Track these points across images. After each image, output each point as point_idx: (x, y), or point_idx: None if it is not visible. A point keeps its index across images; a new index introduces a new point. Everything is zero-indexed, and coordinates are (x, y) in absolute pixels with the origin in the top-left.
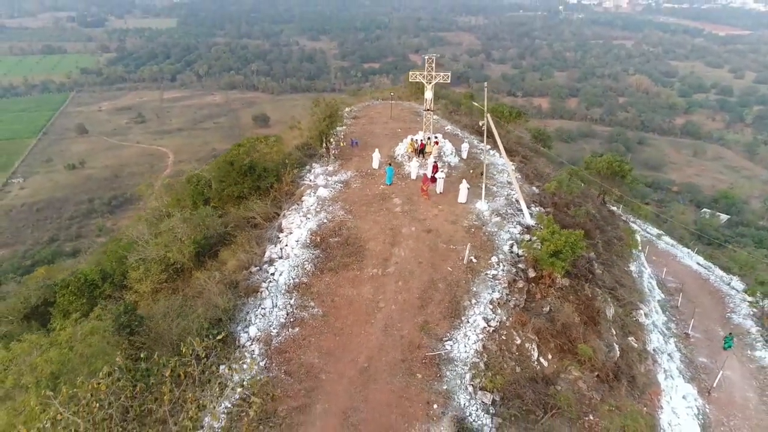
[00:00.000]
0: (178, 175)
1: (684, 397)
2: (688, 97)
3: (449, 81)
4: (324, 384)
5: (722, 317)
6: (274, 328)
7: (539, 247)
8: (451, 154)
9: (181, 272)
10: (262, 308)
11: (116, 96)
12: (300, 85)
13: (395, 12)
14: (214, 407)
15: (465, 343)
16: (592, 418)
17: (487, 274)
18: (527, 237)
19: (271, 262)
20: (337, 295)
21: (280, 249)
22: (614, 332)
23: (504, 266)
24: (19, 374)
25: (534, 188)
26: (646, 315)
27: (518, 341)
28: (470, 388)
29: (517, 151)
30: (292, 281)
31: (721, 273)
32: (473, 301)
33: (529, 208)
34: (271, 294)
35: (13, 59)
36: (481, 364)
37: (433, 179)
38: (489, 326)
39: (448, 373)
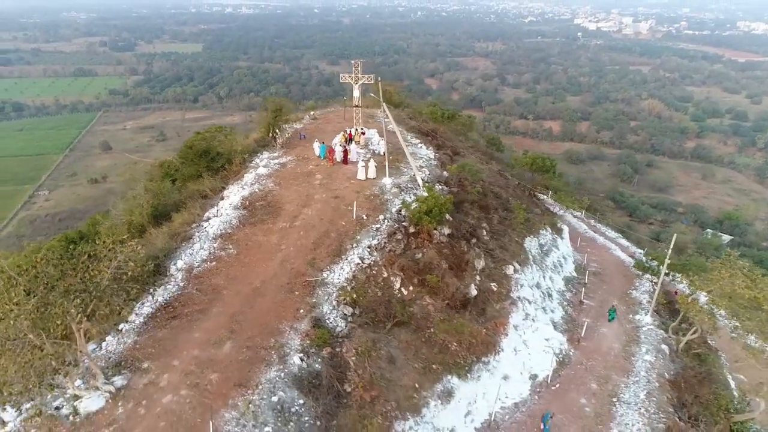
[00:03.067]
0: None
1: (547, 339)
2: (702, 121)
3: (372, 82)
4: (223, 297)
5: (624, 293)
6: (196, 262)
7: (416, 207)
8: (378, 143)
9: (142, 231)
10: (190, 250)
11: (141, 116)
12: (317, 107)
13: (414, 38)
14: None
15: (339, 273)
16: (433, 330)
17: (372, 227)
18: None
19: (207, 219)
20: (251, 241)
21: (216, 210)
22: (478, 278)
23: (388, 222)
24: None
25: (444, 173)
26: (515, 270)
27: (385, 275)
28: (334, 302)
29: (446, 144)
30: (219, 232)
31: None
32: (355, 245)
33: (434, 186)
34: (200, 240)
35: (46, 81)
36: (348, 288)
37: (345, 161)
38: (363, 263)
39: (320, 292)
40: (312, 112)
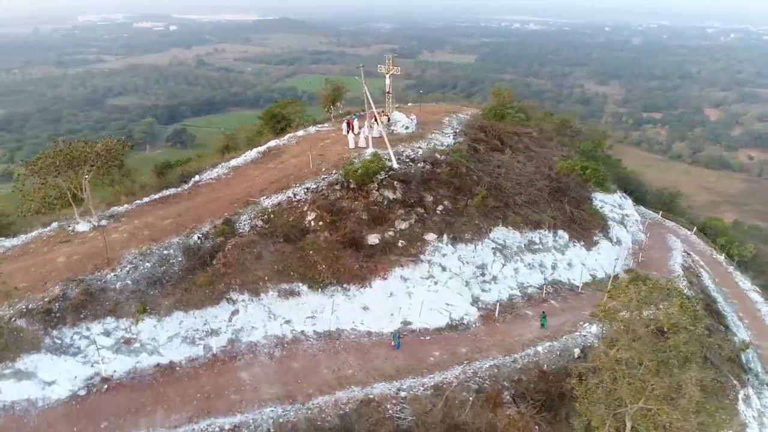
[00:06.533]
0: None
1: (448, 304)
2: None
3: (400, 73)
4: (195, 198)
5: None
6: (204, 179)
7: (350, 167)
8: (402, 127)
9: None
10: (210, 172)
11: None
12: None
13: (711, 63)
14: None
15: (272, 200)
16: (312, 253)
17: (321, 177)
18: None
19: (238, 157)
20: (244, 172)
21: (248, 152)
22: (390, 234)
23: (336, 176)
24: None
25: (437, 155)
26: (436, 239)
27: (304, 209)
28: (252, 215)
29: (489, 140)
30: (233, 164)
31: None
32: (298, 185)
33: (419, 162)
34: (220, 167)
35: (340, 79)
36: (269, 210)
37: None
38: (293, 198)
39: (249, 208)
40: (409, 104)
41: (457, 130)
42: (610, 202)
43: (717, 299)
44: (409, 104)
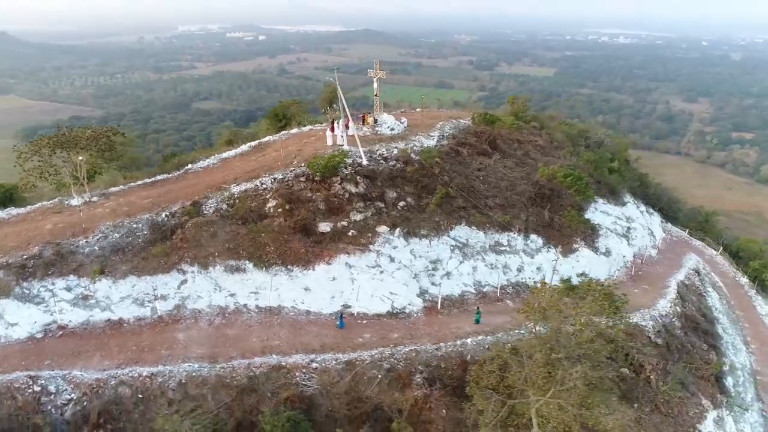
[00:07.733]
0: None
1: (392, 293)
2: None
3: (385, 77)
4: (180, 183)
5: None
6: (195, 167)
7: (313, 161)
8: (388, 128)
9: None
10: (203, 161)
11: None
12: (641, 143)
13: None
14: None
15: (240, 187)
16: (263, 236)
17: (289, 169)
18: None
19: (233, 149)
20: (231, 163)
21: (241, 147)
22: (343, 224)
23: (303, 168)
24: None
25: (413, 154)
26: (388, 231)
27: (267, 197)
28: (219, 200)
29: (478, 144)
30: (224, 156)
31: None
32: (267, 175)
33: (391, 160)
34: (212, 158)
35: (412, 89)
36: (235, 195)
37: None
38: (260, 186)
39: (219, 193)
40: (417, 108)
41: (446, 134)
42: (615, 214)
43: (718, 319)
44: (418, 109)
